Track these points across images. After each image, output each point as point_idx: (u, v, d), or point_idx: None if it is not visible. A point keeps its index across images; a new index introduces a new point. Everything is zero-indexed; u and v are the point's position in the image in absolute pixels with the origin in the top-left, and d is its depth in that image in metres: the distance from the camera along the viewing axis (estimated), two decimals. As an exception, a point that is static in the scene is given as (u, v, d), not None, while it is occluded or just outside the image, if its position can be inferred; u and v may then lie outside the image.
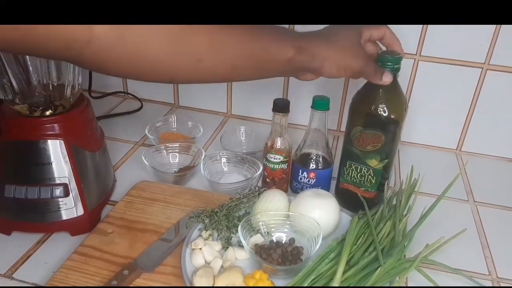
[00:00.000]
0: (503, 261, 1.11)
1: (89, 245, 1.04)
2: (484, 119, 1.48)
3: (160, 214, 1.15)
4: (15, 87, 1.03)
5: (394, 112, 1.08)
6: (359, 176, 1.16)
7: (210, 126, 1.61)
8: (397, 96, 1.09)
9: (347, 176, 1.17)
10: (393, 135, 1.10)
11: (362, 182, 1.16)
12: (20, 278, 0.99)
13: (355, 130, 1.11)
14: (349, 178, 1.17)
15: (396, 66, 1.06)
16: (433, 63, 1.43)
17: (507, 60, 1.38)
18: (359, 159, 1.13)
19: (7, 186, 1.04)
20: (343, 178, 1.19)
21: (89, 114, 1.13)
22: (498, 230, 1.21)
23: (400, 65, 1.07)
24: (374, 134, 1.09)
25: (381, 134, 1.08)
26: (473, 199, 1.32)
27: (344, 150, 1.16)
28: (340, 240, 1.02)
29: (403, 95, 1.11)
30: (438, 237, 1.02)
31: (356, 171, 1.15)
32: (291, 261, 0.99)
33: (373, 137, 1.09)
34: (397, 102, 1.09)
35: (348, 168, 1.16)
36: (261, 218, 1.07)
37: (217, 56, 0.85)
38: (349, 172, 1.16)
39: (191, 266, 0.99)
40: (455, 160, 1.52)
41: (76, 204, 1.07)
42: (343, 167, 1.18)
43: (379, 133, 1.08)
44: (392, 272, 0.95)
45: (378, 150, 1.11)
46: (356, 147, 1.12)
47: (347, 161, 1.16)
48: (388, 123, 1.08)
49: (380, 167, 1.13)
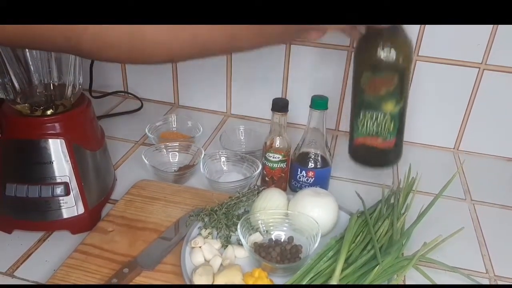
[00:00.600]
0: (500, 260, 1.11)
1: (90, 244, 1.04)
2: (481, 118, 1.48)
3: (160, 212, 1.15)
4: (16, 87, 1.03)
5: (402, 51, 1.04)
6: (376, 126, 1.10)
7: (209, 125, 1.61)
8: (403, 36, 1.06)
9: (362, 128, 1.11)
10: (405, 72, 1.06)
11: (380, 131, 1.10)
12: (21, 276, 0.99)
13: (365, 76, 1.06)
14: (365, 130, 1.11)
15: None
16: (430, 63, 1.43)
17: (504, 60, 1.38)
18: (373, 106, 1.08)
19: (8, 185, 1.04)
20: (357, 132, 1.12)
21: (89, 113, 1.13)
22: (495, 228, 1.21)
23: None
24: (386, 75, 1.04)
25: (393, 75, 1.04)
26: (470, 198, 1.32)
27: (356, 101, 1.11)
28: (338, 239, 1.02)
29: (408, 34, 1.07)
30: (436, 236, 1.02)
31: (371, 120, 1.09)
32: (290, 259, 0.99)
33: (386, 79, 1.05)
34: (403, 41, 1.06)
35: (362, 119, 1.10)
36: (260, 217, 1.07)
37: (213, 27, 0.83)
38: (364, 123, 1.10)
39: (190, 264, 0.99)
40: (452, 159, 1.52)
41: (76, 202, 1.07)
42: (356, 120, 1.11)
43: (391, 73, 1.04)
44: (390, 270, 0.95)
45: (392, 92, 1.06)
46: (368, 94, 1.07)
47: (361, 111, 1.10)
48: (398, 62, 1.03)
49: (396, 110, 1.08)
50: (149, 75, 1.71)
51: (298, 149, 1.22)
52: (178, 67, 1.66)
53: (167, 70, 1.68)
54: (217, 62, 1.61)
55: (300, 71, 1.55)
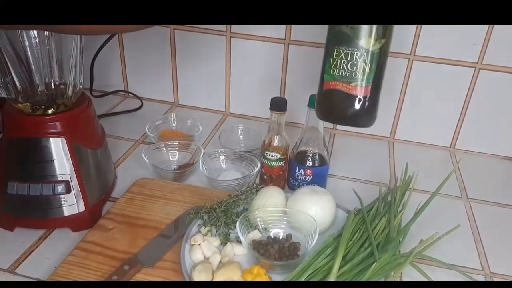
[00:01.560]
0: (496, 257, 1.11)
1: (90, 241, 1.04)
2: (477, 117, 1.48)
3: (160, 210, 1.14)
4: (18, 86, 1.03)
5: None
6: (350, 66, 0.96)
7: (209, 124, 1.61)
8: None
9: (334, 70, 0.98)
10: None
11: (354, 74, 0.96)
12: (23, 273, 0.99)
13: None
14: (337, 72, 0.98)
15: None
16: (427, 62, 1.43)
17: (499, 59, 1.38)
18: (349, 40, 0.95)
19: (10, 183, 1.04)
20: (328, 74, 0.99)
21: (90, 112, 1.13)
22: (491, 226, 1.21)
23: None
24: None
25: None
26: (466, 196, 1.32)
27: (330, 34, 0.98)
28: (336, 236, 1.02)
29: None
30: (432, 233, 1.02)
31: (345, 59, 0.96)
32: (288, 257, 0.99)
33: None
34: None
35: (335, 58, 0.97)
36: (258, 215, 1.07)
37: None
38: (337, 63, 0.97)
39: (190, 262, 0.98)
40: (448, 158, 1.52)
41: (77, 200, 1.07)
42: (328, 59, 0.98)
43: None
44: (387, 267, 0.95)
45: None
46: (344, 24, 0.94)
47: (334, 48, 0.97)
48: None
49: (376, 48, 0.95)
50: (149, 74, 1.71)
51: (296, 147, 1.22)
52: (178, 67, 1.66)
53: (167, 69, 1.67)
54: (216, 62, 1.61)
55: (298, 71, 1.55)
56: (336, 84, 0.96)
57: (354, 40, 0.92)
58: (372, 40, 0.93)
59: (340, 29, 0.92)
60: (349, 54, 0.94)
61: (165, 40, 1.62)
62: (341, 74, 0.95)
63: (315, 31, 1.45)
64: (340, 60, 0.95)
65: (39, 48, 1.02)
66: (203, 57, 1.62)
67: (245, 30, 1.52)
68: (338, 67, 0.95)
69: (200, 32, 1.56)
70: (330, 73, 0.96)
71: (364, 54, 0.93)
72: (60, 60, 1.06)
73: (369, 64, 0.94)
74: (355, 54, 0.93)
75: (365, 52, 0.93)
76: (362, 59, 0.94)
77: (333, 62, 0.95)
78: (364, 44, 0.93)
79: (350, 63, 0.94)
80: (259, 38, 1.52)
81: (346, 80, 0.95)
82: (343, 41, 0.93)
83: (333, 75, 0.96)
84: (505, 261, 1.10)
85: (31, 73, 1.05)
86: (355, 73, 0.95)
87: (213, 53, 1.60)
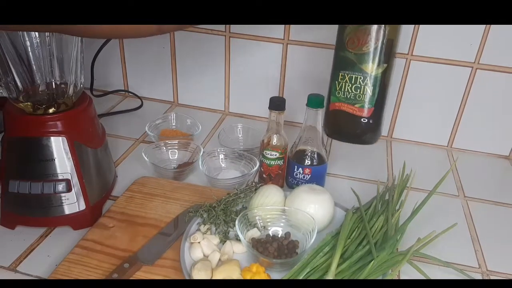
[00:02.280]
0: (493, 255, 1.11)
1: (91, 239, 1.04)
2: (474, 116, 1.48)
3: (160, 208, 1.15)
4: (19, 86, 1.03)
5: None
6: (354, 89, 1.04)
7: (208, 123, 1.61)
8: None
9: (339, 92, 1.06)
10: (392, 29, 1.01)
11: (358, 96, 1.04)
12: (24, 271, 0.99)
13: (350, 28, 1.00)
14: (342, 94, 1.06)
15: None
16: (424, 62, 1.43)
17: (496, 59, 1.38)
18: (353, 65, 1.02)
19: (11, 182, 1.04)
20: (334, 96, 1.07)
21: (91, 112, 1.13)
22: (487, 224, 1.21)
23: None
24: (371, 29, 0.99)
25: (379, 29, 0.99)
26: (463, 194, 1.33)
27: (336, 59, 1.05)
28: (334, 234, 1.02)
29: None
30: (430, 231, 1.02)
31: (350, 82, 1.04)
32: (287, 255, 0.99)
33: (371, 34, 0.99)
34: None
35: (340, 81, 1.05)
36: (257, 213, 1.07)
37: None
38: (342, 85, 1.05)
39: (189, 259, 0.99)
40: (446, 157, 1.52)
41: (78, 199, 1.07)
42: (334, 82, 1.07)
43: (377, 27, 0.99)
44: (385, 265, 0.95)
45: (376, 51, 1.01)
46: (350, 50, 1.01)
47: (339, 72, 1.04)
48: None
49: (378, 73, 1.02)
50: (149, 74, 1.71)
51: (294, 146, 1.22)
52: (178, 67, 1.66)
53: (167, 69, 1.67)
54: (215, 62, 1.61)
55: (297, 70, 1.55)
56: (342, 105, 1.04)
57: (358, 65, 0.99)
58: (375, 65, 0.98)
59: (345, 54, 0.98)
60: (353, 78, 1.00)
61: (165, 40, 1.62)
62: (346, 96, 1.02)
63: (313, 31, 1.45)
64: (345, 83, 1.01)
65: (40, 48, 1.02)
66: (203, 57, 1.62)
67: (244, 30, 1.52)
68: (343, 90, 1.02)
69: (200, 32, 1.57)
70: (336, 95, 1.04)
71: (368, 78, 0.99)
72: (61, 60, 1.06)
73: (372, 88, 1.00)
74: (359, 78, 1.00)
75: (368, 76, 0.99)
76: (365, 83, 1.00)
77: (338, 85, 1.02)
78: (367, 69, 0.99)
79: (354, 86, 1.01)
80: (258, 38, 1.52)
81: (350, 102, 1.03)
82: (348, 66, 1.00)
83: (338, 97, 1.03)
84: (502, 259, 1.10)
85: (32, 73, 1.05)
86: (359, 95, 1.01)
87: (213, 53, 1.60)
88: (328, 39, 1.45)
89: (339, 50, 1.02)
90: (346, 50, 1.00)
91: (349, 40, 0.99)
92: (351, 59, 1.00)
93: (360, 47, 0.99)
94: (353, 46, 0.99)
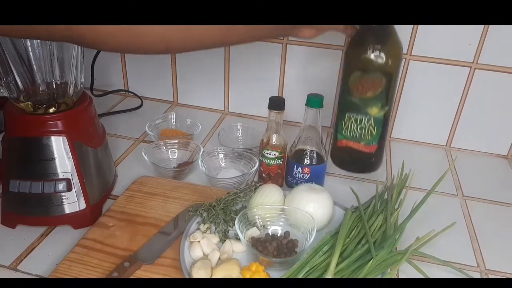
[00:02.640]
0: (491, 254, 1.11)
1: (91, 238, 1.04)
2: (472, 116, 1.48)
3: (160, 208, 1.15)
4: (20, 86, 1.03)
5: (391, 54, 1.04)
6: (359, 129, 1.12)
7: (208, 123, 1.61)
8: (392, 37, 1.05)
9: (345, 131, 1.13)
10: (393, 78, 1.06)
11: (363, 135, 1.12)
12: (25, 270, 0.99)
13: (354, 76, 1.07)
14: (348, 133, 1.13)
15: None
16: (423, 62, 1.43)
17: (494, 59, 1.38)
18: (358, 109, 1.09)
19: (12, 181, 1.04)
20: (341, 134, 1.14)
21: (91, 111, 1.13)
22: (486, 223, 1.21)
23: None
24: (374, 77, 1.05)
25: (381, 77, 1.05)
26: (462, 194, 1.33)
27: (342, 102, 1.12)
28: (333, 233, 1.02)
29: (399, 38, 1.06)
30: (428, 230, 1.02)
31: (355, 123, 1.11)
32: (286, 254, 0.99)
33: (374, 82, 1.06)
34: (393, 43, 1.05)
35: (347, 122, 1.12)
36: (257, 212, 1.07)
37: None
38: (348, 125, 1.12)
39: (189, 258, 0.99)
40: (444, 156, 1.52)
41: (78, 198, 1.07)
42: (340, 122, 1.13)
43: (379, 76, 1.05)
44: (384, 264, 0.96)
45: (379, 96, 1.07)
46: (355, 96, 1.08)
47: (346, 113, 1.11)
48: (387, 64, 1.04)
49: (381, 115, 1.09)
50: (149, 74, 1.71)
51: (294, 146, 1.22)
52: (177, 67, 1.66)
53: (167, 69, 1.68)
54: (215, 62, 1.61)
55: (296, 70, 1.55)
56: (348, 142, 1.13)
57: (362, 108, 1.07)
58: (378, 108, 1.07)
59: (351, 99, 1.07)
60: (358, 119, 1.09)
61: (165, 40, 1.61)
62: (352, 135, 1.12)
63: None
64: (351, 124, 1.10)
65: (41, 48, 1.02)
66: (203, 57, 1.62)
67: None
68: (349, 129, 1.11)
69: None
70: (342, 133, 1.13)
71: (371, 119, 1.08)
72: (61, 60, 1.06)
73: (376, 127, 1.09)
74: (363, 120, 1.09)
75: (372, 118, 1.08)
76: (369, 123, 1.09)
77: (344, 125, 1.11)
78: (371, 112, 1.07)
79: (359, 127, 1.10)
80: (257, 38, 1.52)
81: (356, 140, 1.12)
82: (353, 109, 1.08)
83: (345, 135, 1.12)
84: (500, 258, 1.10)
85: (32, 73, 1.05)
86: (364, 134, 1.11)
87: (212, 53, 1.60)
88: (326, 39, 1.45)
89: (345, 94, 1.09)
90: (352, 96, 1.08)
91: (354, 86, 1.06)
92: (357, 103, 1.08)
93: (365, 93, 1.06)
94: (358, 92, 1.07)
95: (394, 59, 1.03)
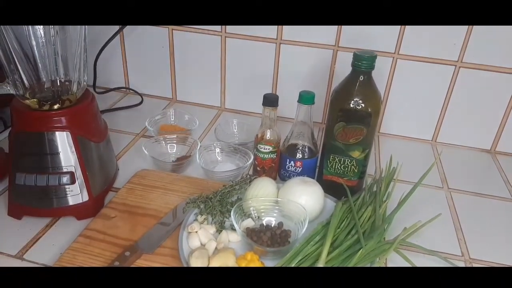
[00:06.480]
0: (475, 244, 1.11)
1: (94, 229, 1.04)
2: (457, 112, 1.48)
3: (159, 200, 1.15)
4: (25, 83, 1.03)
5: (371, 106, 1.07)
6: (343, 168, 1.15)
7: (205, 119, 1.61)
8: (372, 90, 1.08)
9: (330, 168, 1.17)
10: (373, 126, 1.10)
11: (346, 172, 1.16)
12: (30, 259, 0.99)
13: (338, 126, 1.10)
14: (333, 170, 1.17)
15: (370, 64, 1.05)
16: (410, 61, 1.43)
17: (478, 58, 1.39)
18: (342, 152, 1.13)
19: (18, 174, 1.04)
20: (326, 170, 1.18)
21: (93, 108, 1.12)
22: (470, 214, 1.21)
23: (374, 64, 1.06)
24: (356, 128, 1.08)
25: (363, 127, 1.08)
26: (447, 186, 1.33)
27: (327, 144, 1.15)
28: (325, 224, 1.02)
29: (378, 90, 1.09)
30: (415, 221, 1.03)
31: (339, 163, 1.15)
32: (280, 243, 0.99)
33: (356, 131, 1.09)
34: (373, 96, 1.08)
35: (331, 161, 1.16)
36: (252, 204, 1.07)
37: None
38: (333, 164, 1.16)
39: (187, 248, 0.99)
40: (430, 150, 1.52)
41: (81, 190, 1.07)
42: (326, 160, 1.17)
43: (361, 126, 1.08)
44: (373, 253, 0.96)
45: (360, 142, 1.10)
46: (339, 141, 1.12)
47: (330, 154, 1.15)
48: (368, 116, 1.08)
49: (362, 157, 1.13)
50: (149, 72, 1.71)
51: (287, 141, 1.22)
52: (176, 65, 1.66)
53: (166, 67, 1.67)
54: (213, 61, 1.61)
55: (289, 68, 1.55)
56: (332, 177, 1.18)
57: (345, 152, 1.13)
58: (360, 152, 1.12)
59: (335, 144, 1.12)
60: (342, 159, 1.15)
61: (164, 39, 1.61)
62: (336, 172, 1.17)
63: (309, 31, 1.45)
64: (335, 163, 1.16)
65: (46, 47, 1.01)
66: (200, 55, 1.61)
67: (239, 31, 1.52)
68: (333, 167, 1.17)
69: (197, 32, 1.56)
70: (328, 169, 1.18)
71: (354, 160, 1.14)
72: (65, 59, 1.05)
73: (357, 167, 1.15)
74: (347, 160, 1.14)
75: (354, 160, 1.13)
76: (352, 163, 1.14)
77: (329, 163, 1.16)
78: (354, 155, 1.13)
79: (343, 166, 1.15)
80: (252, 38, 1.52)
81: (340, 175, 1.17)
82: (337, 152, 1.14)
83: (330, 171, 1.17)
84: (483, 247, 1.10)
85: (38, 71, 1.04)
86: (347, 171, 1.16)
87: (209, 52, 1.59)
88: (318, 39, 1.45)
89: (330, 139, 1.14)
90: (336, 141, 1.13)
91: (338, 134, 1.11)
92: (340, 147, 1.13)
93: (348, 140, 1.11)
94: (342, 139, 1.12)
95: (374, 108, 1.08)
